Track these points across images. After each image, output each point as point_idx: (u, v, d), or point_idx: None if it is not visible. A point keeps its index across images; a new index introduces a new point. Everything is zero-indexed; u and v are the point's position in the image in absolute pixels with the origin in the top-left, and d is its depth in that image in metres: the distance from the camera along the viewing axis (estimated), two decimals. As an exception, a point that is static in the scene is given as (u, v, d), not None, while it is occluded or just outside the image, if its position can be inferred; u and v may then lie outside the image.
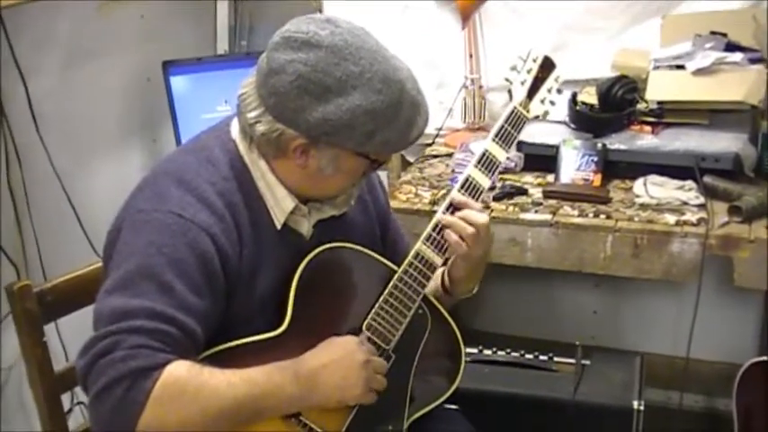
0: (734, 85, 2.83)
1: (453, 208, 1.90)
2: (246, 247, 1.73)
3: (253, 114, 1.68)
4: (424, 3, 3.36)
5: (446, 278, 2.02)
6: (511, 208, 2.74)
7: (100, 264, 1.88)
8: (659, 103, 2.97)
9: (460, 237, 1.87)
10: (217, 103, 2.99)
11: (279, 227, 1.78)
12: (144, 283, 1.59)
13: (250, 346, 1.71)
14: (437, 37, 3.36)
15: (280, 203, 1.77)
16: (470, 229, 1.87)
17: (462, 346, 1.97)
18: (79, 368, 1.56)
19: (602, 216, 2.67)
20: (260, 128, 1.68)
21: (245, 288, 1.73)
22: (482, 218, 1.89)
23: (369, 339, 1.80)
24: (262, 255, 1.76)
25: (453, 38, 3.32)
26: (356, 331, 1.80)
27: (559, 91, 2.09)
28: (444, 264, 1.95)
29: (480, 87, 3.30)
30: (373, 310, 1.83)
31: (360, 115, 1.64)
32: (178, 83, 3.03)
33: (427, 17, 3.36)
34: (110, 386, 1.51)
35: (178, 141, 3.00)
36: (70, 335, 2.47)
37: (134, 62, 3.09)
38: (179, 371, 1.55)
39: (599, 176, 2.84)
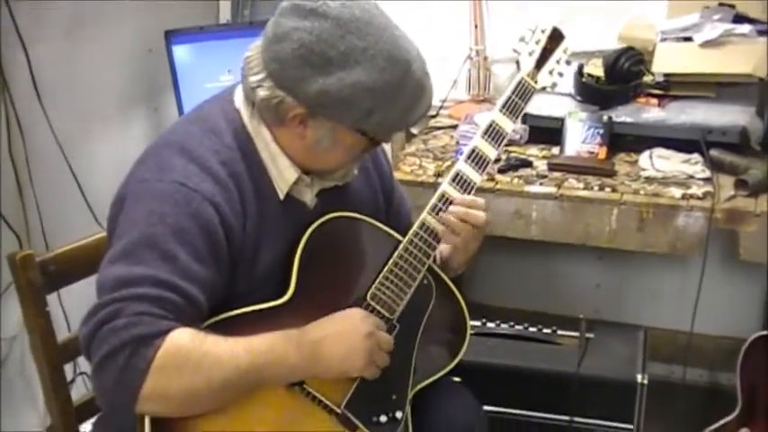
0: (742, 58, 2.82)
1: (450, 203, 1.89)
2: (250, 217, 1.72)
3: (255, 78, 1.67)
4: (428, -27, 3.33)
5: (437, 260, 2.01)
6: (515, 180, 2.73)
7: (102, 234, 1.87)
8: (666, 75, 2.96)
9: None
10: (219, 73, 2.97)
11: (282, 197, 1.77)
12: (147, 251, 1.58)
13: (253, 314, 1.71)
14: (442, 7, 3.33)
15: (283, 174, 1.76)
16: (472, 230, 1.88)
17: (467, 317, 1.97)
18: (82, 336, 1.55)
19: (608, 189, 2.66)
20: (261, 93, 1.67)
21: (249, 258, 1.72)
22: (481, 217, 1.88)
23: (373, 309, 1.79)
24: (265, 225, 1.74)
25: (458, 8, 3.29)
26: (360, 301, 1.79)
27: (568, 62, 2.07)
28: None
29: (485, 59, 3.27)
30: (378, 280, 1.82)
31: (359, 92, 1.62)
32: (180, 52, 3.01)
33: (432, -13, 3.34)
34: (112, 354, 1.51)
35: (180, 111, 2.99)
36: (72, 305, 2.47)
37: (136, 31, 3.06)
38: (182, 339, 1.55)
39: (604, 149, 2.83)
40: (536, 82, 2.01)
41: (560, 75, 2.06)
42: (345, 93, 1.61)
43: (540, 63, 2.03)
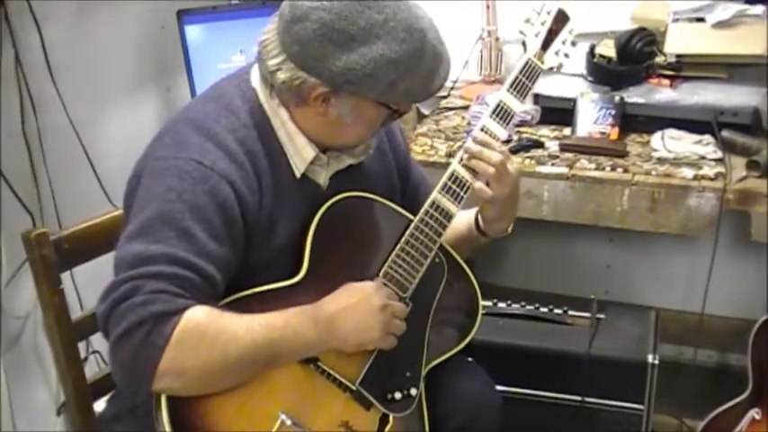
0: (754, 39, 2.81)
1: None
2: (266, 195, 1.73)
3: (274, 62, 1.67)
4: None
5: (480, 219, 2.01)
6: (527, 161, 2.73)
7: (116, 213, 1.87)
8: (678, 56, 2.94)
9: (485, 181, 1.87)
10: (232, 53, 2.97)
11: (299, 176, 1.78)
12: (164, 229, 1.59)
13: (267, 294, 1.72)
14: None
15: (300, 152, 1.77)
16: (491, 170, 1.86)
17: (479, 296, 1.98)
18: (99, 313, 1.56)
19: (619, 170, 2.66)
20: (281, 75, 1.67)
21: (264, 236, 1.73)
22: (496, 156, 1.86)
23: (385, 287, 1.80)
24: (280, 204, 1.75)
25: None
26: (372, 279, 1.80)
27: (573, 43, 2.08)
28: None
29: (497, 39, 3.26)
30: (390, 259, 1.82)
31: (383, 65, 1.63)
32: (193, 32, 3.00)
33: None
34: (130, 331, 1.52)
35: (192, 91, 2.99)
36: (85, 284, 2.48)
37: (148, 10, 3.06)
38: (198, 316, 1.56)
39: (616, 130, 2.83)
40: (543, 62, 2.01)
41: (566, 56, 2.07)
42: (369, 68, 1.62)
43: (545, 44, 2.03)
